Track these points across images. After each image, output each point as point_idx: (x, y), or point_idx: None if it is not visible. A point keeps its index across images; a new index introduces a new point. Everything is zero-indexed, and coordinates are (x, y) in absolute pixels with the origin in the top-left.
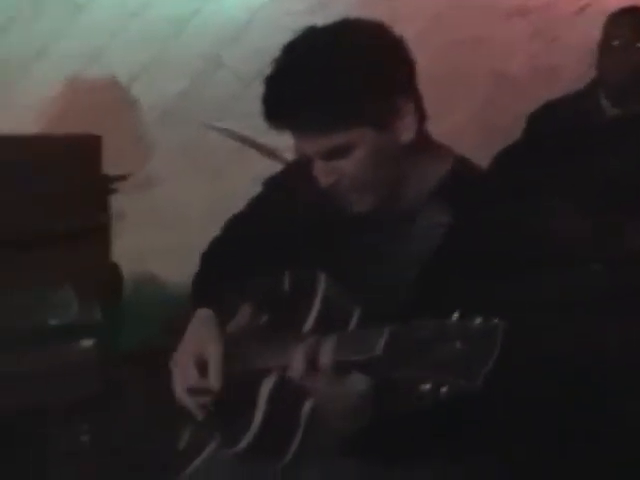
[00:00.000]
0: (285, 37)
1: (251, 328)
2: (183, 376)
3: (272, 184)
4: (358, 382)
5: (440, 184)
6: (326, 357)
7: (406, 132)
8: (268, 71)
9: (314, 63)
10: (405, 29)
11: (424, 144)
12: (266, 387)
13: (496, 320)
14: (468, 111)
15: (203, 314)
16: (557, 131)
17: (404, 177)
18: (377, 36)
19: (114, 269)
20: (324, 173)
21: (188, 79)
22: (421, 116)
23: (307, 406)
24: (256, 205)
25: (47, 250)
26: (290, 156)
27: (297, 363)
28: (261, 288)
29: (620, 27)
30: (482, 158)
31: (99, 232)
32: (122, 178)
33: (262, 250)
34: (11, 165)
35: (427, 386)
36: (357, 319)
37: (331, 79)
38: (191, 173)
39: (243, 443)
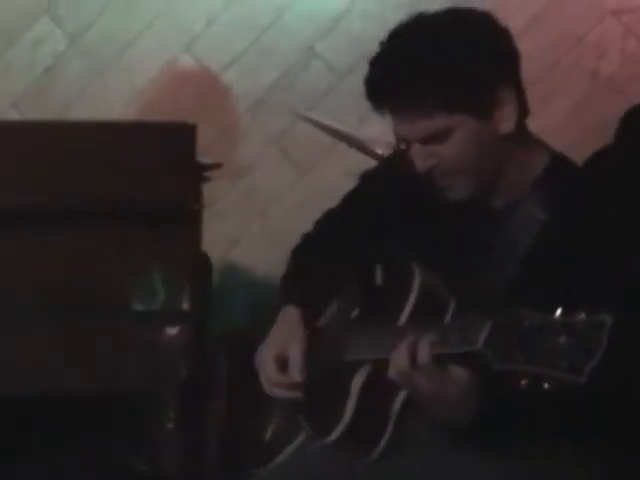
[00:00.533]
0: (382, 29)
1: (343, 322)
2: (265, 372)
3: (366, 179)
4: (457, 375)
5: (539, 178)
6: (424, 352)
7: (506, 122)
8: (363, 64)
9: (419, 47)
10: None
11: (523, 137)
12: (359, 379)
13: (602, 315)
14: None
15: (289, 312)
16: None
17: (501, 168)
18: (483, 25)
19: (204, 257)
20: (421, 157)
21: (282, 69)
22: (522, 109)
23: (399, 399)
24: (350, 201)
25: (140, 235)
26: (382, 151)
27: (399, 361)
28: (352, 284)
29: None
30: (575, 158)
31: (191, 220)
32: (216, 166)
33: (355, 246)
34: (107, 150)
35: (527, 381)
36: (453, 312)
37: (434, 63)
38: (282, 164)
39: (334, 434)
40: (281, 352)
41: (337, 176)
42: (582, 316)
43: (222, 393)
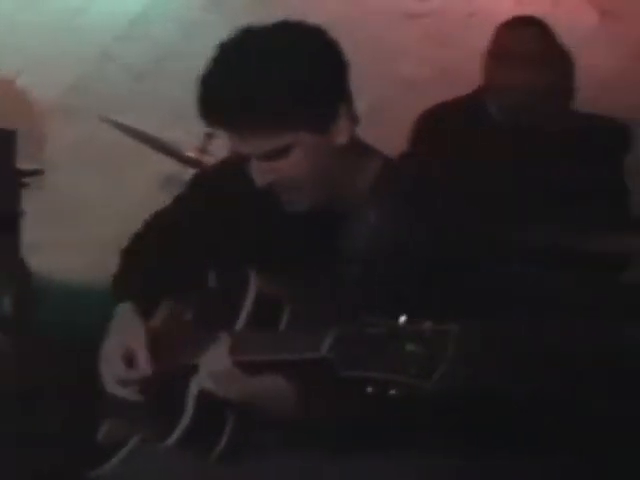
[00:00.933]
0: (179, 32)
1: (176, 324)
2: (111, 369)
3: (199, 180)
4: (271, 381)
5: (373, 184)
6: (226, 362)
7: (341, 135)
8: (162, 66)
9: (253, 66)
10: None
11: (356, 145)
12: (196, 383)
13: (448, 324)
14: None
15: (125, 308)
16: (447, 134)
17: (339, 178)
18: (315, 39)
19: (22, 263)
20: (261, 173)
21: (78, 73)
22: (353, 118)
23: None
24: (181, 201)
25: None
26: (193, 154)
27: (201, 375)
28: (184, 284)
29: (514, 38)
30: None
31: (10, 226)
32: (39, 172)
33: (186, 247)
34: None
35: (373, 387)
36: (288, 317)
37: (271, 83)
38: (87, 168)
39: (173, 437)
40: (126, 347)
41: (142, 179)
42: (428, 324)
43: (53, 399)
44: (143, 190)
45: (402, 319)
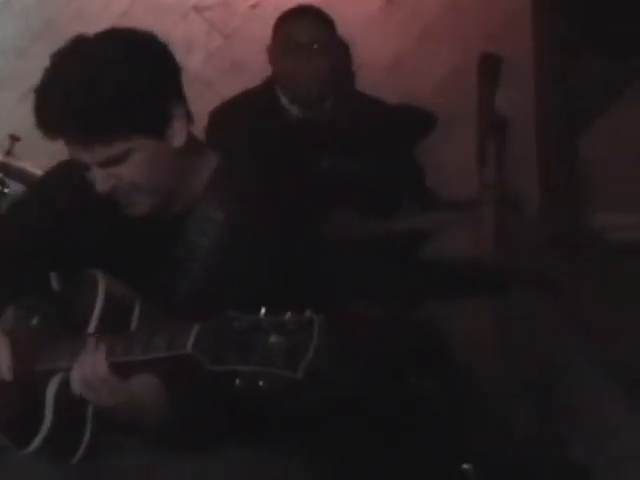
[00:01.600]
0: None
1: (23, 329)
2: None
3: (38, 184)
4: (141, 383)
5: (210, 181)
6: (101, 366)
7: (178, 137)
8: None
9: (82, 73)
10: (89, 29)
11: (192, 145)
12: (52, 388)
13: (309, 314)
14: None
15: None
16: (243, 129)
17: (178, 178)
18: (146, 45)
19: None
20: (101, 179)
21: None
22: (189, 119)
23: (92, 405)
24: (20, 204)
25: None
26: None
27: (74, 382)
28: (26, 289)
29: (295, 29)
30: None
31: None
32: None
33: (25, 251)
34: None
35: (241, 380)
36: (138, 316)
37: (101, 89)
38: None
39: (34, 445)
40: None
41: None
42: (289, 315)
43: None
44: None
45: (262, 311)
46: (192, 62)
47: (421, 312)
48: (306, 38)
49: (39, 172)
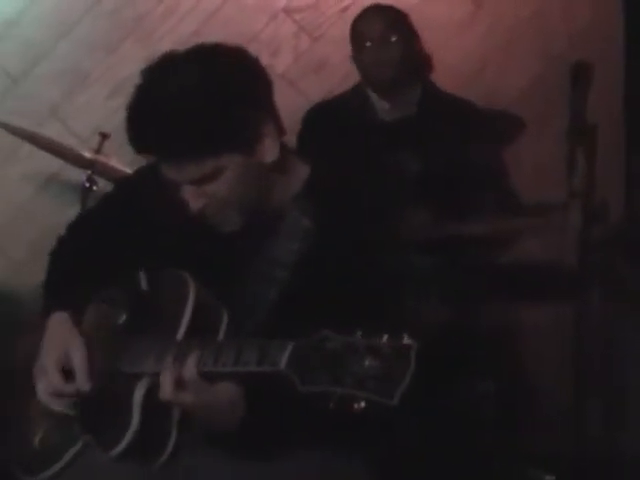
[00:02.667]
0: (56, 33)
1: (107, 328)
2: (48, 382)
3: (125, 186)
4: (224, 391)
5: (302, 190)
6: (189, 373)
7: (269, 152)
8: (38, 68)
9: (175, 92)
10: (179, 27)
11: (283, 156)
12: (140, 392)
13: (407, 339)
14: None
15: (58, 318)
16: (335, 131)
17: (269, 191)
18: (238, 60)
19: None
20: (193, 197)
21: None
22: (280, 132)
23: (178, 409)
24: (107, 205)
25: None
26: (90, 154)
27: (164, 386)
28: (115, 287)
29: (368, 27)
30: None
31: None
32: None
33: (113, 249)
34: None
35: (334, 402)
36: (226, 326)
37: (195, 108)
38: None
39: (121, 446)
40: (63, 360)
41: (17, 181)
42: (385, 339)
43: None
44: (18, 190)
45: (358, 333)
46: (279, 63)
47: (498, 315)
48: (382, 29)
49: (127, 169)
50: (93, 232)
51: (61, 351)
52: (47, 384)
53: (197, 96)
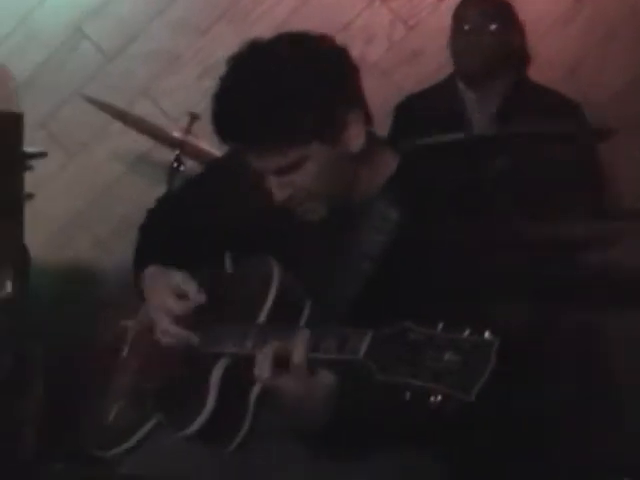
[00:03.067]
0: (150, 10)
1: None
2: (165, 309)
3: (213, 169)
4: (325, 380)
5: (390, 179)
6: (300, 356)
7: (355, 141)
8: (132, 45)
9: (261, 81)
10: (272, 11)
11: (372, 144)
12: (217, 372)
13: (489, 335)
14: None
15: (154, 269)
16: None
17: (355, 181)
18: (321, 49)
19: (24, 249)
20: (279, 187)
21: (49, 50)
22: (367, 120)
23: (255, 390)
24: (194, 186)
25: None
26: (179, 134)
27: (267, 363)
28: (200, 264)
29: (469, 11)
30: None
31: (14, 211)
32: (42, 155)
33: (199, 230)
34: None
35: (411, 394)
36: (308, 313)
37: (280, 96)
38: (50, 147)
39: (195, 426)
40: (171, 288)
41: (106, 159)
42: (467, 334)
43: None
44: (109, 168)
45: (440, 326)
46: (373, 52)
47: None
48: (478, 16)
49: (215, 151)
50: (182, 210)
51: (166, 285)
52: (163, 311)
53: (282, 85)
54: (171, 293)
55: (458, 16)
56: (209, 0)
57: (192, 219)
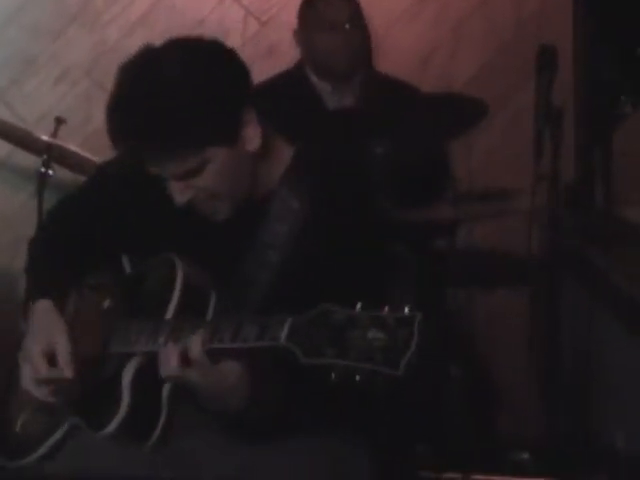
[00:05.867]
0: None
1: (93, 312)
2: (33, 368)
3: (105, 171)
4: (229, 369)
5: (285, 172)
6: (197, 350)
7: (252, 141)
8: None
9: (154, 89)
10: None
11: (266, 140)
12: (129, 372)
13: (411, 310)
14: None
15: (42, 306)
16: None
17: (255, 177)
18: (212, 54)
19: None
20: (179, 191)
21: None
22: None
23: (167, 387)
24: (87, 191)
25: None
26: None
27: (170, 360)
28: (98, 273)
29: (329, 11)
30: None
31: None
32: None
33: (94, 235)
34: None
35: (337, 374)
36: (214, 305)
37: (175, 104)
38: None
39: (112, 427)
40: (47, 347)
41: None
42: (387, 310)
43: None
44: None
45: (358, 306)
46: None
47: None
48: (338, 16)
49: (84, 154)
50: (74, 218)
51: (45, 339)
52: (31, 370)
53: (177, 92)
54: (44, 354)
55: (314, 16)
56: (60, 3)
57: (86, 226)
